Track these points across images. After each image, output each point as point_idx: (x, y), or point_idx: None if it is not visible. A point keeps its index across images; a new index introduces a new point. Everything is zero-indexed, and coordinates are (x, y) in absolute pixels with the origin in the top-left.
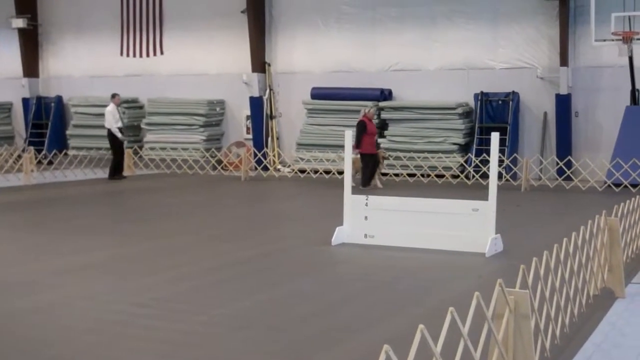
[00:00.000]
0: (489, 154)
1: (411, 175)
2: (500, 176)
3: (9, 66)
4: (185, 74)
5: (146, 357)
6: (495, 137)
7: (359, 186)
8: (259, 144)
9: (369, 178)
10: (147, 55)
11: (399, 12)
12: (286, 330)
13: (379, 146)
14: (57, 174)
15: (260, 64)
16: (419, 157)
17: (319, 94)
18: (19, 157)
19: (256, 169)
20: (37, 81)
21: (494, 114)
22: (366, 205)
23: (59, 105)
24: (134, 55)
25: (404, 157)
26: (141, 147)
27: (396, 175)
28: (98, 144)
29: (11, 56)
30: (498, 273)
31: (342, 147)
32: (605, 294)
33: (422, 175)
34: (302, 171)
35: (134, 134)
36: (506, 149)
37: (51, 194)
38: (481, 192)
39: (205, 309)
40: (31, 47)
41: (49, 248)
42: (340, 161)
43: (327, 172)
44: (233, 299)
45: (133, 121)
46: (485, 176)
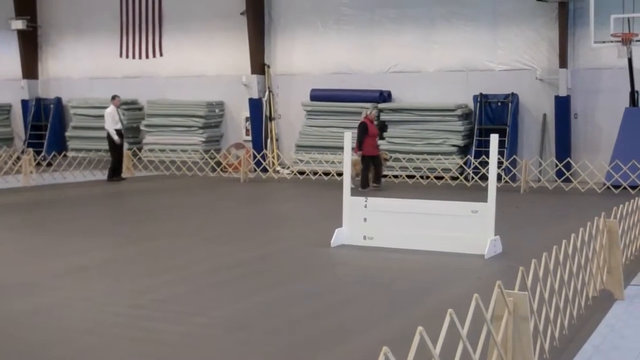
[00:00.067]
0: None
1: (410, 177)
2: (499, 178)
3: (8, 68)
4: (184, 75)
5: (145, 358)
6: (494, 138)
7: (358, 188)
8: (258, 145)
9: (378, 179)
10: (147, 57)
11: (398, 14)
12: (285, 332)
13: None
14: (56, 175)
15: (259, 65)
16: (418, 159)
17: (318, 95)
18: (18, 158)
19: (255, 170)
20: (37, 83)
21: (493, 115)
22: (365, 207)
23: (58, 107)
24: (134, 57)
25: (403, 158)
26: (140, 149)
27: (395, 176)
28: (97, 145)
29: (10, 58)
30: (497, 275)
31: (342, 148)
32: (604, 296)
33: (421, 177)
34: (301, 173)
35: (133, 135)
36: (505, 150)
37: (50, 196)
38: (480, 194)
39: (204, 310)
40: (30, 48)
41: (48, 250)
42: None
43: (326, 174)
44: (232, 300)
45: (132, 123)
46: (485, 178)
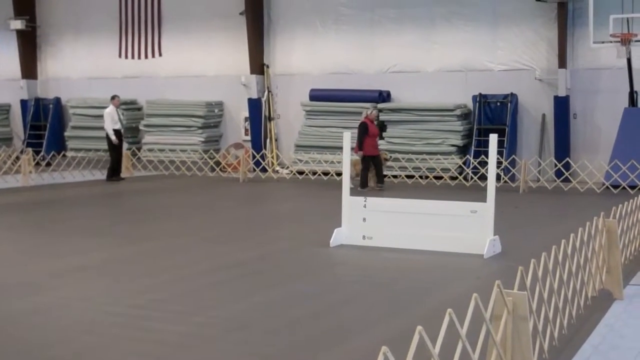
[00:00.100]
0: (487, 155)
1: (409, 177)
2: (498, 178)
3: (7, 68)
4: (183, 75)
5: (144, 358)
6: (493, 138)
7: (358, 188)
8: (257, 145)
9: (381, 179)
10: (146, 57)
11: (398, 14)
12: (284, 332)
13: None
14: (55, 175)
15: (258, 65)
16: (417, 159)
17: (317, 95)
18: (17, 158)
19: (254, 170)
20: (36, 83)
21: (492, 115)
22: (364, 206)
23: (57, 107)
24: (133, 57)
25: (402, 158)
26: (139, 149)
27: (394, 176)
28: (96, 145)
29: (9, 58)
30: (496, 274)
31: (341, 148)
32: (603, 296)
33: (420, 177)
34: (300, 173)
35: (132, 135)
36: (504, 150)
37: (49, 196)
38: (479, 194)
39: (203, 310)
40: (29, 48)
41: (47, 249)
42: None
43: (325, 174)
44: (231, 300)
45: (131, 123)
46: (484, 178)
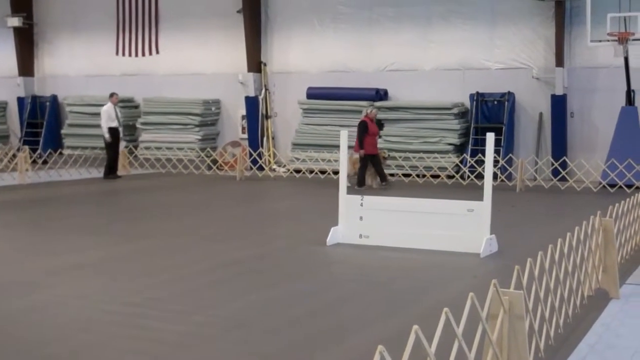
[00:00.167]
0: (484, 154)
1: (406, 176)
2: (495, 177)
3: (4, 65)
4: (181, 73)
5: (141, 357)
6: (490, 137)
7: (355, 186)
8: (254, 143)
9: (383, 178)
10: (143, 55)
11: (395, 12)
12: (281, 331)
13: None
14: (52, 173)
15: (256, 63)
16: (414, 157)
17: (314, 93)
18: (14, 156)
19: (251, 168)
20: (33, 80)
21: (489, 114)
22: (361, 205)
23: (54, 105)
24: (130, 55)
25: (400, 157)
26: (136, 147)
27: (391, 175)
28: (93, 143)
29: (6, 55)
30: (493, 273)
31: (338, 147)
32: (599, 295)
33: (417, 176)
34: (297, 171)
35: (129, 133)
36: (501, 149)
37: (46, 194)
38: (476, 193)
39: (200, 309)
40: (26, 46)
41: (44, 247)
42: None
43: (322, 172)
44: (228, 299)
45: (128, 120)
46: (481, 176)
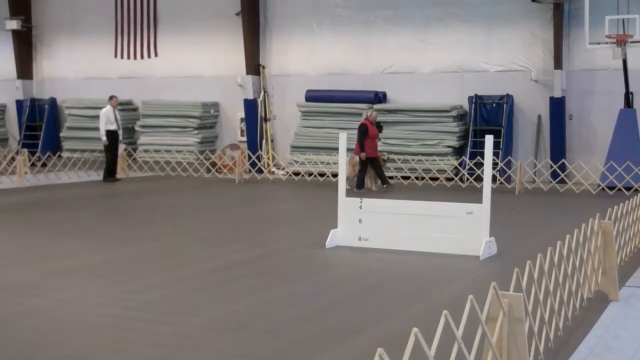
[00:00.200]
0: (483, 156)
1: (405, 178)
2: (494, 179)
3: (2, 68)
4: (179, 76)
5: (140, 359)
6: (489, 139)
7: (354, 189)
8: (253, 146)
9: (385, 180)
10: (142, 58)
11: (394, 15)
12: (280, 333)
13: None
14: (51, 176)
15: (254, 66)
16: (413, 160)
17: (313, 96)
18: (13, 159)
19: (250, 171)
20: (31, 83)
21: (488, 116)
22: (360, 208)
23: (52, 107)
24: (128, 58)
25: (398, 159)
26: (135, 150)
27: (390, 177)
28: (92, 146)
29: (5, 58)
30: (492, 276)
31: (337, 149)
32: (599, 297)
33: (416, 178)
34: (296, 174)
35: (128, 136)
36: (500, 151)
37: (44, 197)
38: (475, 195)
39: (198, 311)
40: (25, 48)
41: (43, 250)
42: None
43: (321, 175)
44: (227, 301)
45: (127, 123)
46: (479, 179)
